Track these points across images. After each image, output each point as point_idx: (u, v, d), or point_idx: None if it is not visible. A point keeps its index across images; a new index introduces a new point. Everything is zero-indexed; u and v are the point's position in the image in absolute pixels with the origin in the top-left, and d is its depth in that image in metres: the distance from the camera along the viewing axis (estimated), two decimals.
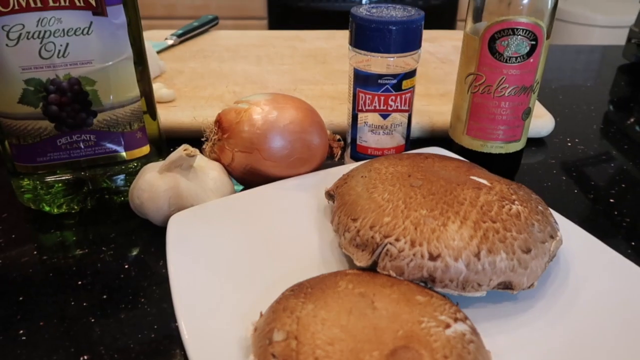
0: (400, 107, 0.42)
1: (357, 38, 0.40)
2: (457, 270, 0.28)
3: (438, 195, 0.31)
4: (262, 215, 0.36)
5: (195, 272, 0.31)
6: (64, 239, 0.38)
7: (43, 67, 0.34)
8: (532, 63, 0.39)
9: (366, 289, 0.26)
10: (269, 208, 0.37)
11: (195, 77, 0.63)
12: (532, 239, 0.30)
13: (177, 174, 0.37)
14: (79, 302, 0.32)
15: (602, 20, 1.60)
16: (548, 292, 0.31)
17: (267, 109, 0.40)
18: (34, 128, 0.36)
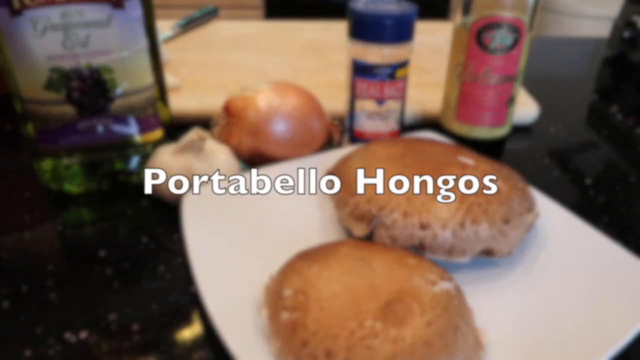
0: (394, 94, 0.45)
1: (354, 29, 0.43)
2: (444, 238, 0.31)
3: (428, 173, 0.34)
4: (267, 192, 0.39)
5: (210, 242, 0.34)
6: (85, 216, 0.41)
7: (66, 57, 0.37)
8: (515, 54, 0.42)
9: (364, 254, 0.29)
10: (274, 186, 0.40)
11: (199, 67, 0.66)
12: (512, 212, 0.33)
13: (189, 156, 0.40)
14: (103, 270, 0.35)
15: (592, 12, 1.63)
16: (525, 259, 0.34)
17: (272, 96, 0.43)
18: (57, 113, 0.39)
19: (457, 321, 0.26)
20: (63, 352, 0.29)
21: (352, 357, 0.24)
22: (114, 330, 0.31)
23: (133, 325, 0.31)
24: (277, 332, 0.26)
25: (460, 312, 0.27)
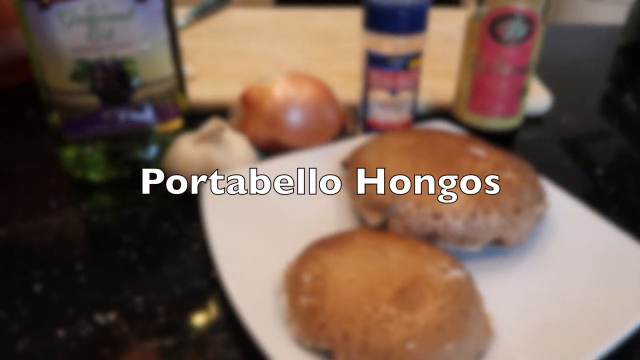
0: (407, 85, 0.46)
1: (369, 20, 0.44)
2: (456, 227, 0.33)
3: (440, 164, 0.35)
4: (284, 182, 0.41)
5: (230, 228, 0.35)
6: (108, 203, 0.43)
7: (91, 49, 0.39)
8: (528, 46, 0.42)
9: (378, 242, 0.31)
10: (291, 175, 0.41)
11: (214, 56, 0.67)
12: (522, 202, 0.34)
13: (208, 145, 0.42)
14: (128, 255, 0.37)
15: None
16: (535, 248, 0.35)
17: (287, 86, 0.44)
18: (82, 103, 0.41)
19: (468, 307, 0.28)
20: (94, 333, 0.31)
21: (368, 340, 0.25)
22: (140, 313, 0.32)
23: (158, 308, 0.33)
24: (296, 315, 0.27)
25: (471, 299, 0.28)
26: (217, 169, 0.41)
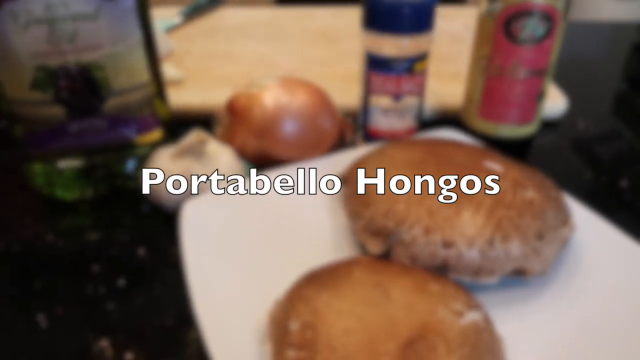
0: (412, 90, 0.41)
1: (369, 19, 0.39)
2: (470, 257, 0.28)
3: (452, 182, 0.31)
4: (274, 200, 0.36)
5: (210, 257, 0.31)
6: (78, 224, 0.38)
7: (52, 54, 0.34)
8: (547, 46, 0.38)
9: (380, 278, 0.26)
10: (282, 192, 0.37)
11: (204, 57, 0.62)
12: (546, 226, 0.30)
13: (189, 159, 0.37)
14: (96, 286, 0.33)
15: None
16: (559, 278, 0.31)
17: (279, 93, 0.40)
18: (46, 114, 0.36)
19: (487, 358, 0.23)
20: None
21: None
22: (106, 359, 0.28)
23: (126, 355, 0.28)
24: None
25: (490, 348, 0.24)
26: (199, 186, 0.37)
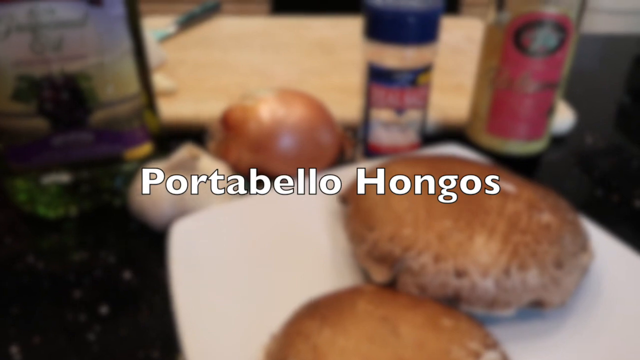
0: (416, 103, 0.39)
1: (371, 28, 0.37)
2: (485, 288, 0.26)
3: (462, 204, 0.28)
4: (270, 219, 0.34)
5: (200, 284, 0.29)
6: (60, 244, 0.36)
7: (36, 63, 0.32)
8: (559, 58, 0.36)
9: (387, 312, 0.24)
10: (278, 211, 0.35)
11: (197, 68, 0.60)
12: (564, 253, 0.28)
13: (180, 176, 0.35)
14: (76, 314, 0.30)
15: (624, 5, 1.56)
16: (579, 309, 0.29)
17: (275, 105, 0.37)
18: (27, 127, 0.34)
19: None
20: None
21: None
22: None
23: None
24: None
25: None
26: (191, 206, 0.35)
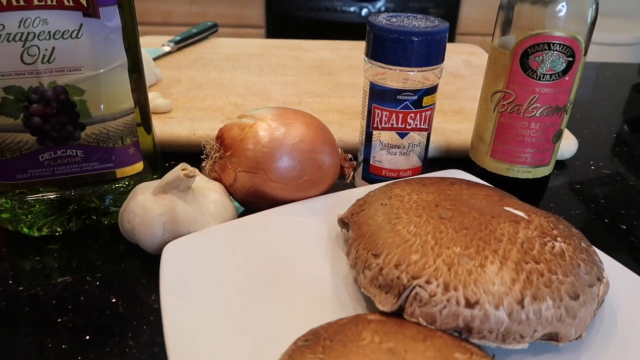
0: (419, 125, 0.38)
1: (374, 49, 0.36)
2: (498, 319, 0.24)
3: (472, 230, 0.27)
4: (267, 244, 0.32)
5: (192, 311, 0.27)
6: (44, 266, 0.34)
7: (25, 74, 0.31)
8: (568, 81, 0.35)
9: (395, 344, 0.22)
10: (275, 236, 0.33)
11: (193, 87, 0.59)
12: (580, 283, 0.26)
13: (173, 196, 0.33)
14: (57, 343, 0.28)
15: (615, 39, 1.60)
16: (594, 342, 0.27)
17: (275, 124, 0.36)
18: (13, 142, 0.32)
19: None
20: None
21: None
22: None
23: None
24: None
25: None
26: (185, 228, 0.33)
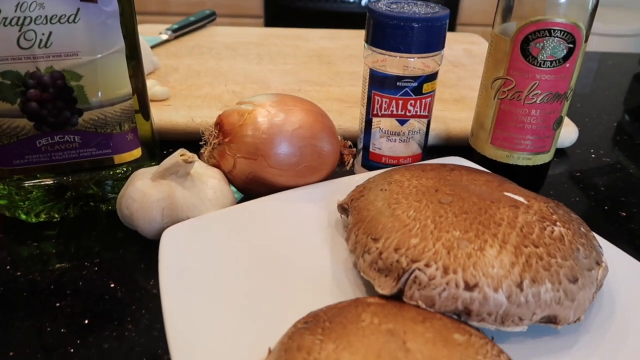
0: (419, 112, 0.38)
1: (374, 35, 0.36)
2: (497, 302, 0.24)
3: (472, 214, 0.27)
4: (266, 230, 0.32)
5: (191, 296, 0.27)
6: (42, 252, 0.34)
7: (22, 58, 0.30)
8: (568, 68, 0.35)
9: (395, 325, 0.22)
10: (274, 222, 0.33)
11: (191, 75, 0.59)
12: (579, 267, 0.26)
13: (171, 182, 0.33)
14: (56, 328, 0.28)
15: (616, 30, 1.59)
16: (593, 325, 0.27)
17: (274, 111, 0.36)
18: (10, 127, 0.32)
19: None
20: None
21: None
22: None
23: None
24: None
25: None
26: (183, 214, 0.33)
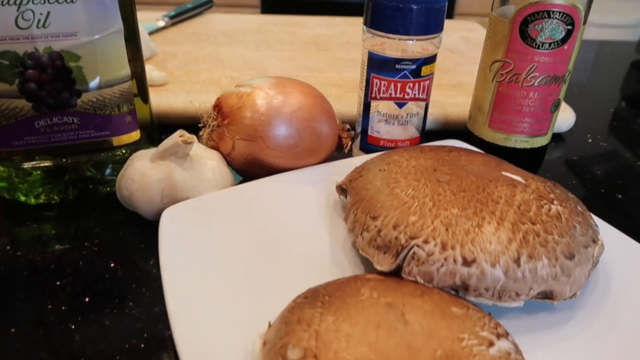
0: (417, 95, 0.38)
1: (373, 17, 0.36)
2: (494, 277, 0.24)
3: (470, 193, 0.27)
4: (265, 210, 0.33)
5: (191, 274, 0.27)
6: (42, 233, 0.34)
7: (20, 39, 0.30)
8: (567, 50, 0.35)
9: (394, 299, 0.22)
10: (273, 202, 0.33)
11: (189, 61, 0.58)
12: (575, 244, 0.26)
13: (171, 163, 0.33)
14: (57, 305, 0.28)
15: (614, 21, 1.59)
16: (588, 302, 0.28)
17: (272, 93, 0.36)
18: (9, 108, 0.32)
19: None
20: None
21: None
22: None
23: None
24: None
25: None
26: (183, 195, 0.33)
